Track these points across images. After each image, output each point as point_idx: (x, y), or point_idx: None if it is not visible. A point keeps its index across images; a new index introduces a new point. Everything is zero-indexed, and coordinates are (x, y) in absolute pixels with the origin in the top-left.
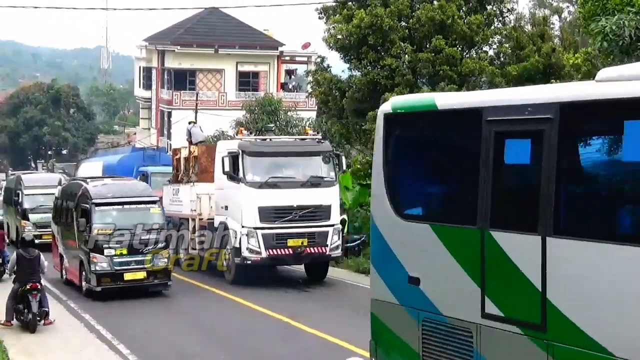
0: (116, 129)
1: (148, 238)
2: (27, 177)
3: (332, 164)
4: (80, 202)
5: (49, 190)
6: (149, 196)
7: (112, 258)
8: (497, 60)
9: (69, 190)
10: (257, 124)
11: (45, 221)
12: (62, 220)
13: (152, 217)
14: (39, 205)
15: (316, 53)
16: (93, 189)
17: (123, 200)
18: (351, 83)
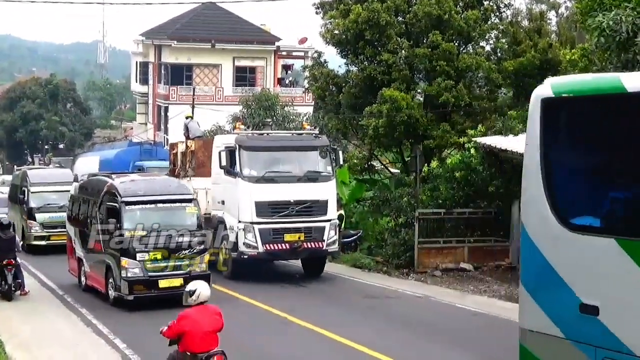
0: (113, 124)
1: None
2: (34, 173)
3: (329, 158)
4: (106, 200)
5: (57, 187)
6: (184, 194)
7: (145, 263)
8: (493, 55)
9: (89, 187)
10: (254, 119)
11: (53, 221)
12: (81, 221)
13: (188, 217)
14: (47, 203)
15: (313, 48)
16: (121, 186)
17: (156, 199)
18: (348, 78)
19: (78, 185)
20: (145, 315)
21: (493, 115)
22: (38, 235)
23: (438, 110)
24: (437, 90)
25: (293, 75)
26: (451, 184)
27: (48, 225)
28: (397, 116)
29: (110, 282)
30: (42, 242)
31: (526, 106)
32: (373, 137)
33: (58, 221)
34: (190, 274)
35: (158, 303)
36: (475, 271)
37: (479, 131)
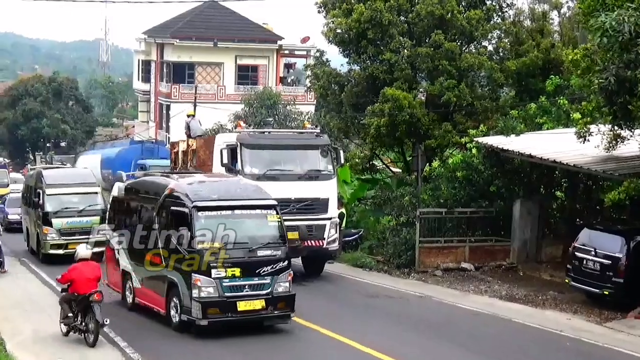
0: (115, 122)
1: (267, 255)
2: (50, 174)
3: (330, 157)
4: (169, 205)
5: (77, 189)
6: (265, 199)
7: (221, 281)
8: (496, 55)
9: (142, 189)
10: (256, 117)
11: (72, 227)
12: (129, 228)
13: (270, 227)
14: (65, 207)
15: (315, 47)
16: (190, 188)
17: (234, 204)
18: (350, 77)
19: (123, 187)
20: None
21: (495, 115)
22: (55, 243)
23: (440, 109)
24: (439, 90)
25: (295, 74)
26: (453, 183)
27: (66, 231)
28: (399, 115)
29: (174, 303)
30: (59, 251)
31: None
32: (375, 136)
33: (77, 227)
34: (272, 294)
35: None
36: (476, 271)
37: (480, 131)
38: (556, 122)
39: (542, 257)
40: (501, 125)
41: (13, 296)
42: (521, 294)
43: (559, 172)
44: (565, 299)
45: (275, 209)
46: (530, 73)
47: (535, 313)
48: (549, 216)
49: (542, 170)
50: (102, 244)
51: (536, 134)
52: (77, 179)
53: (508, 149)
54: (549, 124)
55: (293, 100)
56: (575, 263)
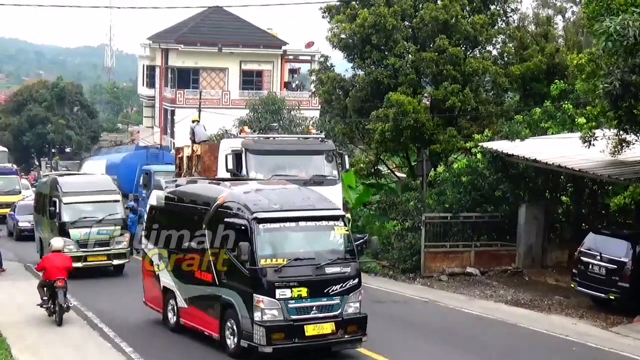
0: (119, 127)
1: (336, 272)
2: (67, 181)
3: (335, 162)
4: (222, 216)
5: (96, 198)
6: (332, 208)
7: (286, 302)
8: (500, 60)
9: (187, 197)
10: (261, 122)
11: (91, 238)
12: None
13: (338, 240)
14: (83, 217)
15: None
16: (247, 197)
17: (298, 214)
18: (354, 82)
19: (163, 195)
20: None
21: (500, 119)
22: (73, 255)
23: (445, 114)
24: (444, 95)
25: (300, 79)
26: (458, 188)
27: (85, 243)
28: (403, 120)
29: (230, 327)
30: (77, 264)
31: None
32: (379, 141)
33: (96, 238)
34: (342, 316)
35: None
36: (481, 276)
37: (485, 136)
38: (561, 127)
39: (548, 261)
40: (506, 130)
41: (16, 301)
42: (527, 298)
43: (564, 177)
44: (571, 303)
45: (342, 219)
46: (535, 77)
47: (541, 318)
48: (554, 221)
49: (547, 175)
50: (122, 256)
51: (541, 138)
52: (96, 187)
53: (513, 153)
54: (553, 129)
55: (297, 105)
56: (581, 268)
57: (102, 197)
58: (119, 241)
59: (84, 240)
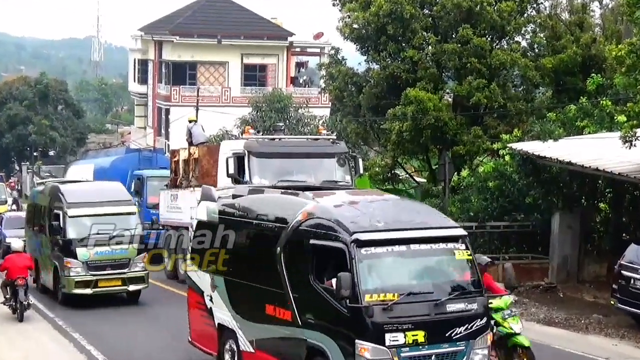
0: (108, 128)
1: (458, 310)
2: (70, 190)
3: (348, 166)
4: (307, 236)
5: (107, 209)
6: (450, 226)
7: (399, 351)
8: (530, 51)
9: (254, 212)
10: (265, 122)
11: (102, 258)
12: (232, 266)
13: (459, 268)
14: (92, 233)
15: (330, 44)
16: (339, 212)
17: (409, 235)
18: (368, 77)
19: (217, 208)
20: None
21: (530, 118)
22: (81, 280)
23: (469, 112)
24: (468, 91)
25: (308, 73)
26: (484, 194)
27: (95, 265)
28: (423, 119)
29: None
30: (86, 290)
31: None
32: (397, 142)
33: (109, 258)
34: None
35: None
36: (511, 292)
37: (514, 136)
38: (598, 126)
39: (585, 276)
40: (537, 129)
41: None
42: (561, 317)
43: (603, 182)
44: (611, 322)
45: (464, 240)
46: (569, 71)
47: (578, 338)
48: (591, 230)
49: (583, 179)
50: (140, 280)
51: (576, 138)
52: (107, 196)
53: (545, 155)
54: (590, 128)
55: (306, 102)
56: (622, 282)
57: (114, 208)
58: (136, 262)
59: (94, 261)
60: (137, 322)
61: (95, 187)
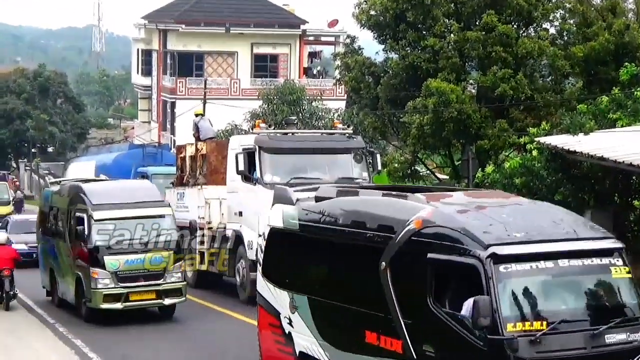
0: (111, 123)
1: (621, 342)
2: (95, 189)
3: (365, 162)
4: (425, 249)
5: (138, 211)
6: (603, 237)
7: None
8: (559, 39)
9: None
10: (277, 115)
11: (133, 268)
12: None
13: (618, 289)
14: (122, 239)
15: (345, 32)
16: (467, 219)
17: (555, 249)
18: (387, 67)
19: (295, 212)
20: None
21: (559, 110)
22: (110, 293)
23: (494, 104)
24: (493, 81)
25: (322, 64)
26: (510, 192)
27: (125, 275)
28: (445, 112)
29: None
30: (116, 305)
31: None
32: (417, 136)
33: (141, 268)
34: None
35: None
36: None
37: (542, 129)
38: (632, 118)
39: None
40: (567, 122)
41: None
42: None
43: (637, 178)
44: None
45: (621, 254)
46: (601, 60)
47: None
48: (625, 230)
49: (616, 175)
50: (177, 293)
51: (609, 132)
52: (137, 196)
53: (575, 150)
54: (623, 120)
55: (320, 95)
56: None
57: (146, 210)
58: (172, 272)
59: (124, 271)
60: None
61: (123, 186)
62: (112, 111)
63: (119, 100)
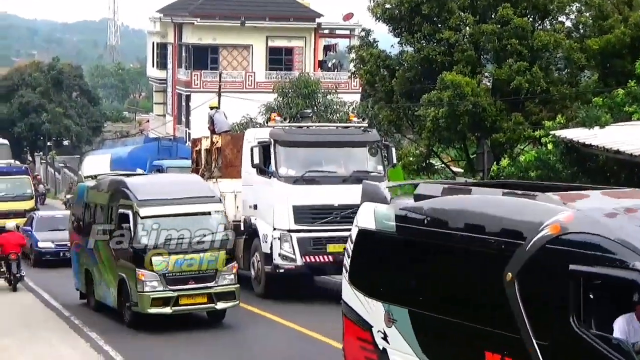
0: (126, 116)
1: None
2: (140, 183)
3: (380, 156)
4: (567, 260)
5: (189, 208)
6: None
7: None
8: (575, 32)
9: (458, 219)
10: (291, 109)
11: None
12: (423, 294)
13: None
14: (170, 238)
15: (360, 25)
16: (621, 225)
17: None
18: (402, 60)
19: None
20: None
21: (575, 103)
22: (159, 296)
23: (509, 97)
24: (508, 74)
25: (337, 57)
26: None
27: (175, 277)
28: (460, 105)
29: None
30: (165, 310)
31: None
32: (432, 130)
33: (192, 269)
34: None
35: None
36: None
37: (557, 122)
38: None
39: None
40: (582, 115)
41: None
42: None
43: None
44: None
45: None
46: (617, 53)
47: None
48: None
49: (632, 169)
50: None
51: (625, 125)
52: (186, 191)
53: (591, 143)
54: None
55: (335, 88)
56: None
57: (197, 206)
58: (224, 274)
59: (173, 272)
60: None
61: (170, 181)
62: (127, 104)
63: (134, 93)
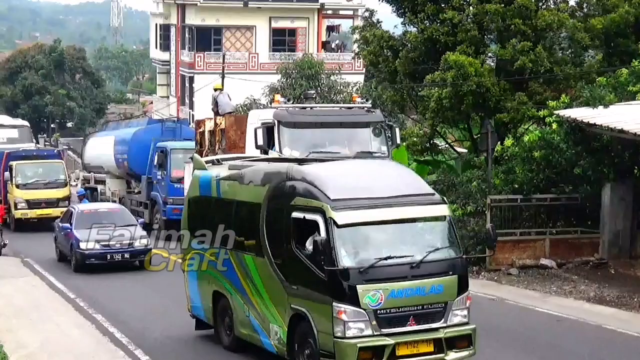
0: (129, 98)
1: None
2: (329, 177)
3: (384, 136)
4: None
5: (409, 211)
6: None
7: None
8: (579, 11)
9: None
10: (295, 90)
11: (404, 304)
12: None
13: None
14: (382, 258)
15: (363, 5)
16: None
17: None
18: (405, 41)
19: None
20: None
21: (579, 82)
22: (368, 345)
23: (513, 77)
24: (512, 54)
25: (340, 38)
26: (529, 165)
27: (389, 316)
28: (464, 85)
29: None
30: None
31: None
32: (436, 110)
33: (414, 303)
34: None
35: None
36: (558, 268)
37: (562, 102)
38: None
39: (638, 251)
40: (586, 95)
41: (16, 303)
42: (613, 295)
43: None
44: None
45: None
46: (621, 32)
47: (631, 318)
48: None
49: (636, 148)
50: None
51: (629, 104)
52: (395, 186)
53: (595, 123)
54: None
55: (338, 69)
56: None
57: (416, 209)
58: (454, 309)
59: (387, 309)
60: None
61: (369, 171)
62: (130, 86)
63: (138, 75)
